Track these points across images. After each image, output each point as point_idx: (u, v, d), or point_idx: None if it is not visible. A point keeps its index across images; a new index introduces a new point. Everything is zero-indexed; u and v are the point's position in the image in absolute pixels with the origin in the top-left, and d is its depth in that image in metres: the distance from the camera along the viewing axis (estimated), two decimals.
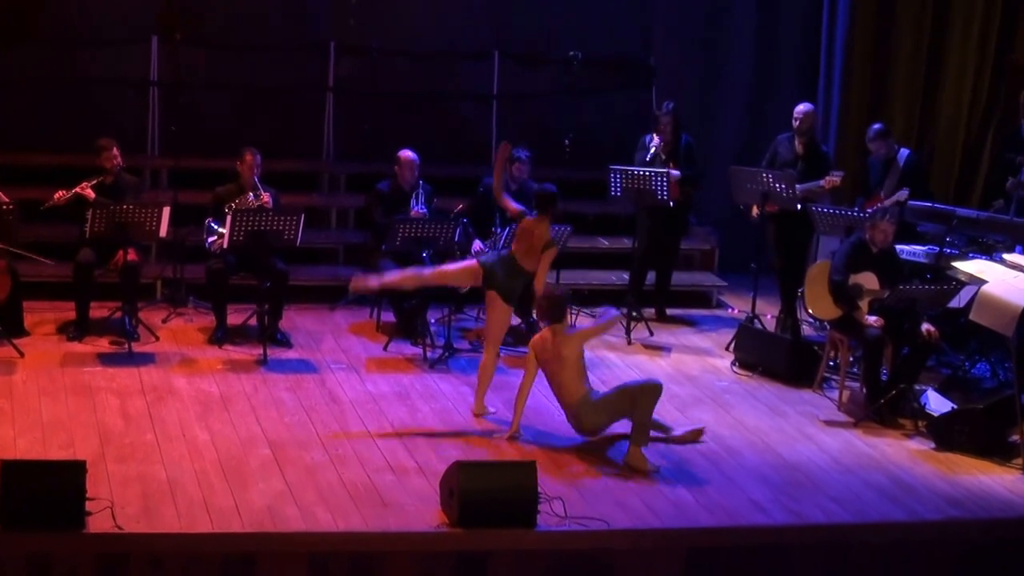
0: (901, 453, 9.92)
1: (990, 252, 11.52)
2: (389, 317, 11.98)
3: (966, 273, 11.07)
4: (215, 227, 11.34)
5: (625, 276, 12.98)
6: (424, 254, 11.55)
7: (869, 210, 11.43)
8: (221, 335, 11.40)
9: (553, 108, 14.44)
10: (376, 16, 14.24)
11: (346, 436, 9.59)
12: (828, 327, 11.15)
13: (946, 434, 10.00)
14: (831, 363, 11.24)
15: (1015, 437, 10.04)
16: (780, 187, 11.83)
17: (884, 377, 10.60)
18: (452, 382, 10.78)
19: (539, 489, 8.25)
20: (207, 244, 11.42)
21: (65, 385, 10.22)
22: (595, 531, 8.31)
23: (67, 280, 11.44)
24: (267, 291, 11.33)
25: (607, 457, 9.49)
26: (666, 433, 9.76)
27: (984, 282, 10.67)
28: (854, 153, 13.61)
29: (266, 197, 11.52)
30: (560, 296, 9.74)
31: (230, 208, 11.30)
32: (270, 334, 11.27)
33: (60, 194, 11.24)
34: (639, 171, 12.12)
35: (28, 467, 7.98)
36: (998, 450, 9.91)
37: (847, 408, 10.71)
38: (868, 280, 10.58)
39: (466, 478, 8.11)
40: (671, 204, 12.14)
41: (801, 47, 14.71)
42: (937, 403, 10.50)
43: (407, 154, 12.01)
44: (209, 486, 8.63)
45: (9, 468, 7.85)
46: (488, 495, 8.10)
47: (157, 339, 11.32)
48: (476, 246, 11.76)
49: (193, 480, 8.70)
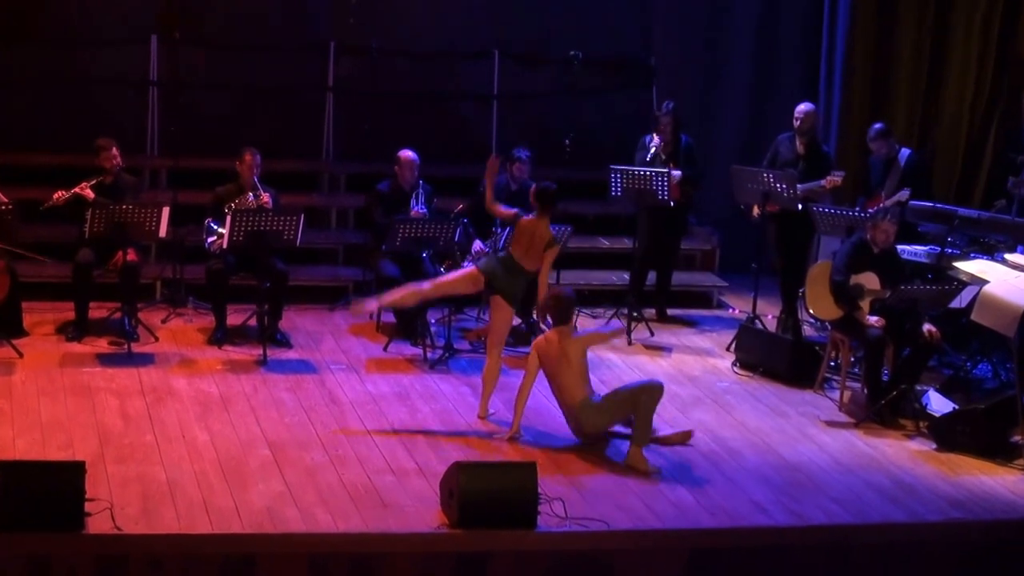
0: (902, 454, 9.90)
1: (992, 252, 11.50)
2: (389, 318, 11.95)
3: (967, 273, 11.06)
4: (215, 227, 11.32)
5: (626, 276, 12.97)
6: (424, 254, 11.56)
7: (870, 210, 11.42)
8: (221, 335, 11.38)
9: (553, 108, 14.42)
10: (376, 16, 14.22)
11: (345, 436, 9.57)
12: (829, 327, 11.14)
13: (947, 435, 9.98)
14: (832, 363, 11.22)
15: (1017, 438, 10.04)
16: (781, 187, 11.81)
17: (885, 378, 10.58)
18: (452, 383, 10.76)
19: (539, 490, 8.24)
20: (207, 244, 11.40)
21: (64, 386, 10.21)
22: (595, 532, 8.30)
23: (66, 280, 11.43)
24: (267, 291, 11.32)
25: (607, 458, 9.47)
26: (652, 434, 9.69)
27: (986, 282, 10.67)
28: (855, 153, 13.58)
29: (266, 197, 11.50)
30: (569, 297, 9.73)
31: (230, 208, 11.29)
32: (270, 334, 11.25)
33: (59, 194, 11.22)
34: (640, 171, 12.10)
35: (27, 468, 7.96)
36: (1000, 451, 9.89)
37: (848, 409, 10.69)
38: (869, 280, 10.56)
39: (466, 479, 8.10)
40: (672, 204, 12.12)
41: (801, 47, 14.69)
42: (938, 404, 10.49)
43: (407, 154, 12.00)
44: (209, 487, 8.61)
45: (8, 469, 7.84)
46: (488, 496, 8.09)
47: (156, 339, 11.30)
48: (476, 246, 11.75)
49: (193, 481, 8.68)
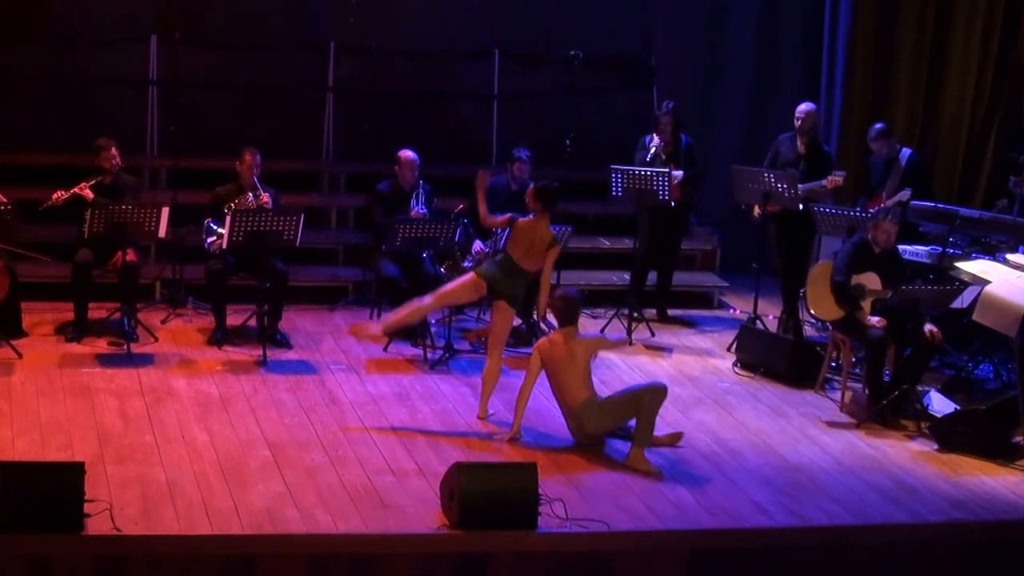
0: (903, 454, 9.88)
1: (993, 252, 11.49)
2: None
3: (969, 273, 11.05)
4: (214, 227, 11.30)
5: (626, 276, 12.96)
6: (424, 254, 11.54)
7: (871, 210, 11.40)
8: (220, 336, 11.36)
9: (553, 108, 14.41)
10: (376, 16, 14.21)
11: (345, 436, 9.55)
12: (830, 328, 11.12)
13: (949, 435, 9.96)
14: (833, 364, 11.21)
15: (1018, 438, 10.03)
16: (782, 187, 11.79)
17: (887, 378, 10.57)
18: (452, 383, 10.74)
19: (540, 490, 8.22)
20: (206, 244, 11.38)
21: (64, 386, 10.19)
22: (596, 533, 8.28)
23: (66, 281, 11.41)
24: (267, 292, 11.30)
25: (608, 458, 9.46)
26: (632, 439, 9.62)
27: (987, 282, 10.66)
28: (856, 153, 13.57)
29: (265, 197, 11.48)
30: (576, 299, 9.74)
31: (229, 208, 11.27)
32: (270, 335, 11.23)
33: (58, 194, 11.20)
34: (640, 171, 12.08)
35: (26, 469, 7.95)
36: (1001, 451, 9.87)
37: (849, 409, 10.67)
38: (870, 280, 10.54)
39: (466, 479, 8.08)
40: (672, 204, 12.10)
41: (801, 47, 14.68)
42: (940, 404, 10.47)
43: (407, 154, 11.98)
44: (208, 488, 8.59)
45: (7, 470, 7.83)
46: (489, 496, 8.07)
47: (156, 340, 11.29)
48: (476, 246, 11.73)
49: (192, 482, 8.67)
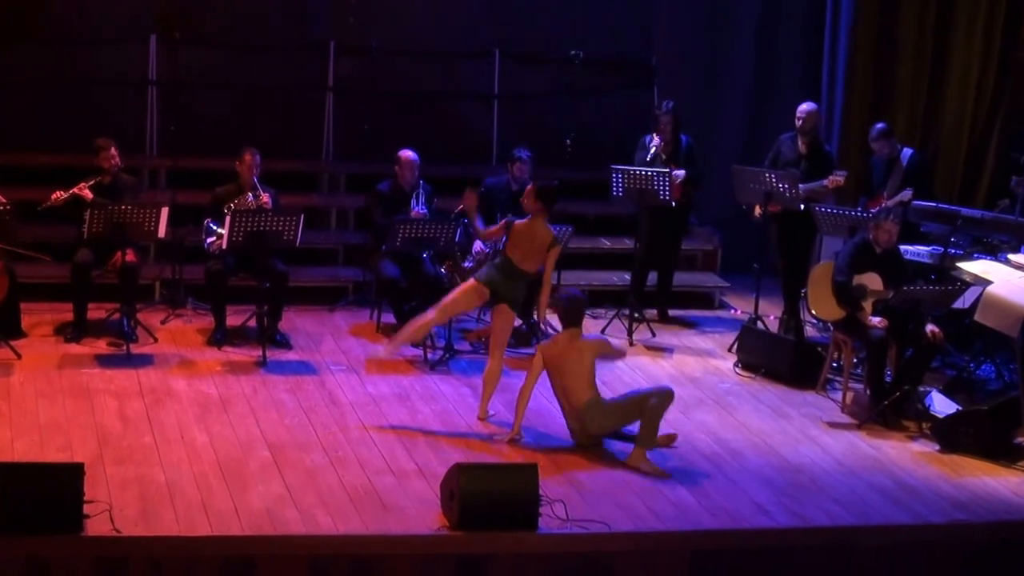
0: (905, 455, 9.87)
1: (995, 252, 11.48)
2: (389, 318, 11.92)
3: (971, 274, 11.04)
4: (214, 228, 11.29)
5: (627, 277, 12.95)
6: (424, 255, 11.52)
7: (872, 210, 11.38)
8: (220, 336, 11.34)
9: (554, 108, 14.40)
10: (376, 16, 14.20)
11: (345, 437, 9.53)
12: (831, 328, 11.10)
13: (950, 436, 9.95)
14: (834, 364, 11.19)
15: (1020, 439, 10.02)
16: (783, 187, 11.77)
17: (888, 379, 10.55)
18: (453, 384, 10.73)
19: (540, 491, 8.21)
20: (206, 245, 11.37)
21: (63, 387, 10.17)
22: (597, 534, 8.27)
23: (65, 281, 11.38)
24: (266, 292, 11.29)
25: (608, 459, 9.44)
26: (633, 440, 9.57)
27: (989, 283, 10.66)
28: (857, 153, 13.54)
29: (265, 197, 11.46)
30: (580, 300, 9.73)
31: (229, 208, 11.25)
32: (269, 335, 11.21)
33: (58, 195, 11.18)
34: (641, 171, 12.06)
35: (26, 470, 7.94)
36: (1003, 452, 9.86)
37: (851, 410, 10.65)
38: (872, 281, 10.52)
39: (467, 480, 8.06)
40: (673, 204, 12.08)
41: (802, 47, 14.66)
42: (941, 405, 10.46)
43: (407, 154, 11.96)
44: (208, 488, 8.58)
45: (7, 471, 7.82)
46: (489, 497, 8.05)
47: (156, 340, 11.27)
48: (477, 247, 11.71)
49: (192, 483, 8.65)
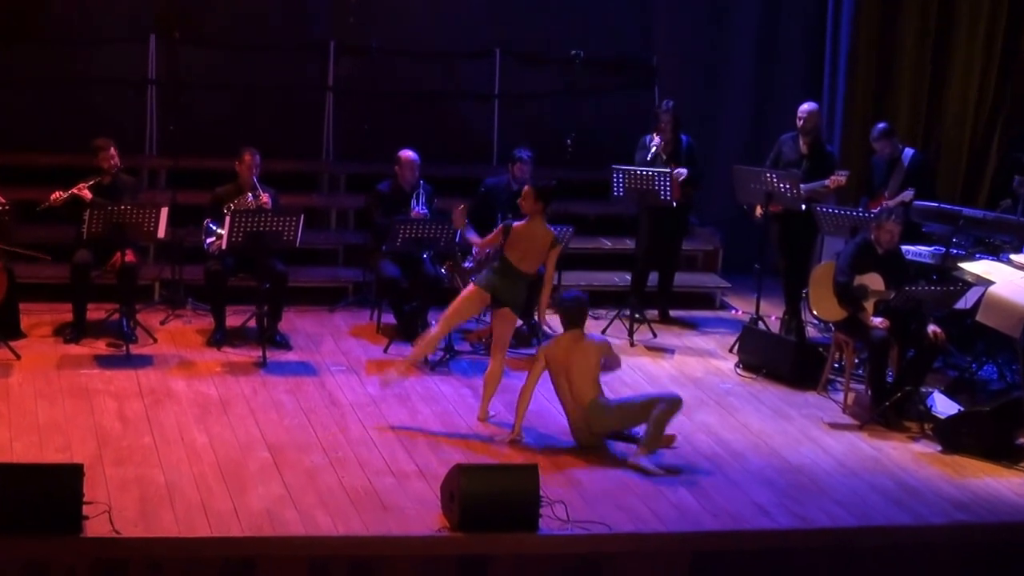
0: (906, 456, 9.85)
1: (997, 253, 11.47)
2: (389, 319, 11.90)
3: (973, 274, 11.02)
4: (214, 228, 11.27)
5: (627, 277, 12.93)
6: (425, 255, 11.50)
7: (874, 210, 11.36)
8: (220, 337, 11.33)
9: (554, 108, 14.39)
10: (376, 16, 14.18)
11: (345, 438, 9.52)
12: (833, 329, 11.08)
13: (952, 437, 9.93)
14: (836, 365, 11.16)
15: (1022, 440, 9.98)
16: (784, 187, 11.75)
17: (890, 379, 10.53)
18: (453, 384, 10.71)
19: (541, 492, 8.19)
20: (206, 245, 11.35)
21: (62, 388, 10.15)
22: (597, 535, 8.25)
23: (64, 281, 11.38)
24: (266, 293, 11.27)
25: (609, 460, 9.42)
26: (636, 442, 9.56)
27: (991, 283, 10.64)
28: (858, 153, 13.53)
29: (265, 198, 11.45)
30: (583, 301, 9.73)
31: (229, 209, 11.24)
32: (269, 336, 11.19)
33: (57, 195, 11.17)
34: (642, 171, 12.04)
35: (25, 471, 7.93)
36: (1005, 453, 9.84)
37: (852, 411, 10.63)
38: (873, 281, 10.51)
39: (467, 481, 8.05)
40: (674, 205, 12.07)
41: (803, 47, 14.65)
42: (943, 405, 10.44)
43: (408, 154, 11.94)
44: (208, 489, 8.56)
45: (6, 472, 7.80)
46: (489, 498, 8.04)
47: (155, 341, 11.25)
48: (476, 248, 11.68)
49: (191, 483, 8.63)
